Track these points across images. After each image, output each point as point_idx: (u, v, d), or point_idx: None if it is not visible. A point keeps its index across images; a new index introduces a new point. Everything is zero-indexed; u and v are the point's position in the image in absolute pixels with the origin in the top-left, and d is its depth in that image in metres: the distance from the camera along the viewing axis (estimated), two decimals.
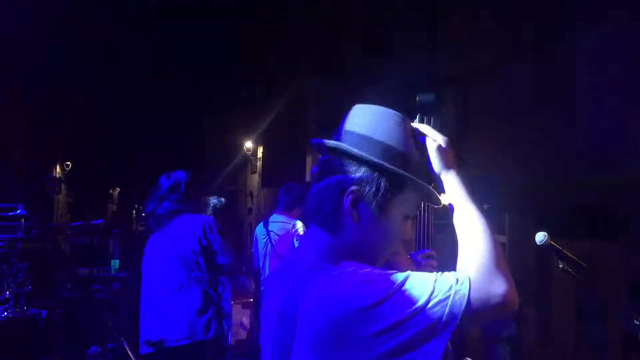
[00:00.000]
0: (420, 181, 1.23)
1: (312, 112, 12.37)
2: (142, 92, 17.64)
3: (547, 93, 6.13)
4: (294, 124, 12.65)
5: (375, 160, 1.19)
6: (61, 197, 15.47)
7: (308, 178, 12.59)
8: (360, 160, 1.21)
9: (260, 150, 15.47)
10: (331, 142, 1.26)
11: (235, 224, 17.93)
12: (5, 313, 3.53)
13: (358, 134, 1.25)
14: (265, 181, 14.58)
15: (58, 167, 15.73)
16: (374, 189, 1.20)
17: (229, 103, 16.25)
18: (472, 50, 7.71)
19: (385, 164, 1.19)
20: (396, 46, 9.58)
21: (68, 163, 16.13)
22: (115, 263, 6.32)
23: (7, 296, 3.78)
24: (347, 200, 1.19)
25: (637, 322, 2.90)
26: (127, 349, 2.47)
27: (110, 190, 24.00)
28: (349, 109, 1.35)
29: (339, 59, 11.18)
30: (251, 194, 16.23)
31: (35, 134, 13.20)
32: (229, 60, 15.13)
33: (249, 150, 15.66)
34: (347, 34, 11.07)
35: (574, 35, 5.86)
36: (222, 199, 5.91)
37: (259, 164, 15.57)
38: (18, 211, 3.85)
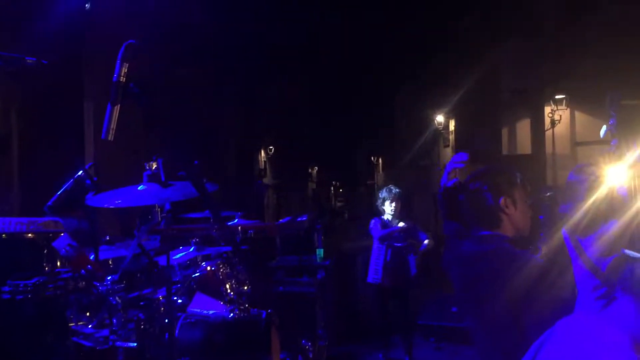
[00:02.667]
0: None
1: (506, 80, 11.72)
2: (336, 73, 18.20)
3: None
4: (487, 94, 12.10)
5: None
6: (265, 180, 16.74)
7: (504, 151, 12.01)
8: None
9: (452, 123, 15.10)
10: None
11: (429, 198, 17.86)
12: (232, 314, 3.92)
13: None
14: None
15: (262, 152, 16.99)
16: None
17: (419, 77, 16.06)
18: None
19: None
20: (601, 5, 8.65)
21: (271, 147, 17.33)
22: (320, 252, 6.70)
23: (232, 296, 4.22)
24: None
25: None
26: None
27: (309, 170, 25.42)
28: (548, 74, 1.28)
29: (535, 23, 10.39)
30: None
31: (243, 126, 14.44)
32: (417, 32, 14.90)
33: (440, 124, 15.38)
34: None
35: None
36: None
37: (452, 137, 15.22)
38: (236, 220, 4.26)
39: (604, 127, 2.41)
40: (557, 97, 10.35)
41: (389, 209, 5.93)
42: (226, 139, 13.37)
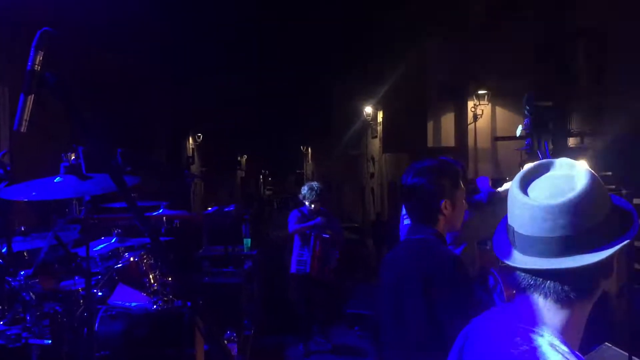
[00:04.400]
0: None
1: (432, 75, 12.03)
2: (268, 61, 18.09)
3: None
4: (414, 89, 12.38)
5: None
6: (193, 168, 16.46)
7: (430, 143, 12.35)
8: None
9: (380, 115, 15.37)
10: None
11: (357, 189, 18.15)
12: (155, 306, 3.85)
13: None
14: (387, 146, 14.50)
15: (191, 139, 16.69)
16: None
17: (349, 68, 16.24)
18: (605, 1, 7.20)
19: None
20: (521, 4, 9.03)
21: (199, 135, 17.04)
22: (248, 242, 6.68)
23: (156, 288, 4.14)
24: None
25: None
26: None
27: (238, 158, 25.21)
28: (471, 70, 1.37)
29: (461, 20, 10.71)
30: (372, 158, 16.25)
31: (172, 114, 14.12)
32: (347, 24, 15.05)
33: (368, 115, 15.62)
34: None
35: None
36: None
37: (380, 128, 15.50)
38: (160, 210, 4.17)
39: (520, 126, 2.53)
40: (479, 92, 10.73)
41: (309, 205, 6.04)
42: (154, 126, 13.04)
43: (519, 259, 1.13)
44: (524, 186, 1.15)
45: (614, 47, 7.10)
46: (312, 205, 5.97)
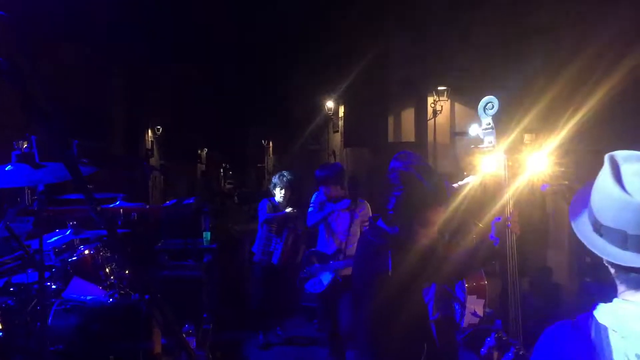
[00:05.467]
0: None
1: (393, 70, 12.14)
2: (229, 53, 17.91)
3: None
4: (375, 84, 12.47)
5: None
6: (152, 160, 16.21)
7: (390, 138, 12.48)
8: None
9: (341, 109, 15.42)
10: None
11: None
12: (111, 299, 3.79)
13: None
14: (348, 141, 14.57)
15: (150, 132, 16.42)
16: None
17: (312, 62, 16.21)
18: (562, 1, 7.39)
19: None
20: (480, 1, 9.21)
21: (159, 127, 16.78)
22: (207, 235, 6.61)
23: (112, 281, 4.09)
24: None
25: None
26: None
27: (199, 151, 24.93)
28: (432, 66, 1.41)
29: (422, 16, 10.84)
30: (333, 153, 16.30)
31: (130, 105, 13.86)
32: (313, 17, 15.02)
33: (330, 109, 15.64)
34: None
35: None
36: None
37: (341, 123, 15.55)
38: (117, 202, 4.10)
39: (477, 127, 2.58)
40: (439, 88, 10.88)
41: (279, 194, 5.97)
42: (112, 117, 12.78)
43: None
44: (623, 186, 1.18)
45: (569, 45, 7.30)
46: (283, 192, 5.92)
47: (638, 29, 5.64)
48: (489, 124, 2.36)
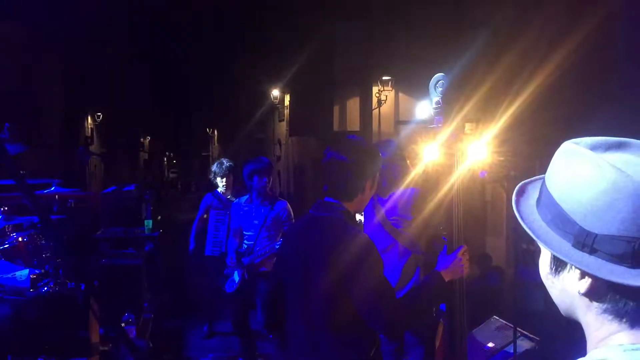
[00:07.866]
0: None
1: (339, 59, 12.18)
2: (173, 40, 17.54)
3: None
4: (321, 73, 12.49)
5: None
6: (93, 148, 15.75)
7: (336, 127, 12.54)
8: None
9: (287, 98, 15.40)
10: None
11: None
12: (46, 288, 3.68)
13: None
14: (293, 130, 14.57)
15: (89, 118, 15.92)
16: None
17: (258, 50, 16.08)
18: None
19: None
20: None
21: (99, 114, 16.29)
22: (149, 223, 6.48)
23: (47, 269, 3.95)
24: None
25: None
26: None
27: (141, 139, 24.36)
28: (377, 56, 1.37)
29: (365, 4, 10.90)
30: (279, 142, 16.27)
31: (68, 90, 13.37)
32: (258, 3, 14.89)
33: (276, 98, 15.59)
34: None
35: None
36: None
37: (287, 111, 15.53)
38: (52, 188, 3.95)
39: (427, 105, 2.60)
40: (384, 78, 10.99)
41: (221, 184, 5.81)
42: (48, 101, 12.29)
43: None
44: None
45: (506, 33, 7.49)
46: (225, 181, 5.73)
47: (571, 15, 5.82)
48: (439, 102, 2.38)
